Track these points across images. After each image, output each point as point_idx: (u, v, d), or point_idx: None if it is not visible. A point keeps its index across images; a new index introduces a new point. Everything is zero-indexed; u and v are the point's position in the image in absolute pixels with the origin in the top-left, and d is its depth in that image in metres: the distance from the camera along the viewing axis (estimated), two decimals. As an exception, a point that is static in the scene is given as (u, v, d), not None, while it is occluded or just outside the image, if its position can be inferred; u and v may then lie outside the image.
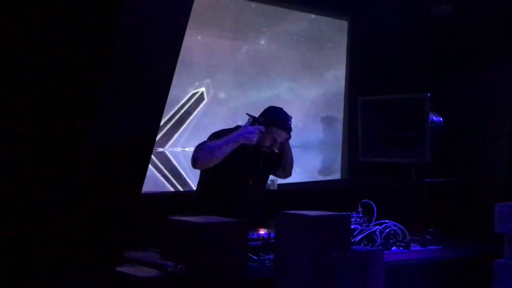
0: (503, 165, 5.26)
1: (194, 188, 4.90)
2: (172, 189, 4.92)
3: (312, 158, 5.89)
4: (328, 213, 2.98)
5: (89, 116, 1.83)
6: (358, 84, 5.74)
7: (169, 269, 2.74)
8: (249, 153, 3.91)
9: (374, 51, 5.67)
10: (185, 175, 5.02)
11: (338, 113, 5.97)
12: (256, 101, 5.30)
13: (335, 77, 5.93)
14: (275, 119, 3.90)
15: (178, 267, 2.74)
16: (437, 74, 5.54)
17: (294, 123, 4.05)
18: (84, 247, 2.00)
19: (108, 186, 2.02)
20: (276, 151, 4.00)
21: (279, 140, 3.93)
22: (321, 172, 5.96)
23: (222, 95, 5.22)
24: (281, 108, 4.04)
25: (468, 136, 5.37)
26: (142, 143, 2.01)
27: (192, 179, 4.99)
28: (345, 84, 5.91)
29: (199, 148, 3.78)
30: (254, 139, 3.78)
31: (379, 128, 5.03)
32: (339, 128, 6.00)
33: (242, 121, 4.03)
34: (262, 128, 3.81)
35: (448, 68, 5.57)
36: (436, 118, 4.93)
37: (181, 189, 4.97)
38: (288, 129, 3.95)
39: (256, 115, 3.93)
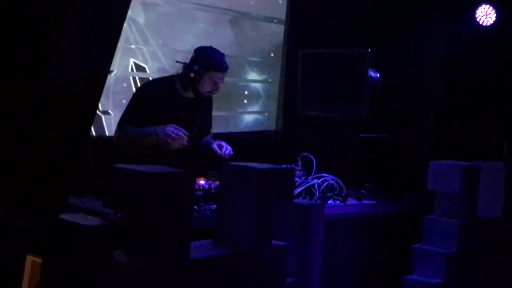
0: (435, 122, 5.41)
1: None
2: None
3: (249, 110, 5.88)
4: (273, 166, 2.97)
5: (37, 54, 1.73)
6: (298, 36, 5.70)
7: (109, 217, 2.68)
8: (183, 105, 3.82)
9: (315, 4, 5.63)
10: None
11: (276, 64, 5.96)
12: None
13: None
14: (211, 62, 3.75)
15: (118, 215, 2.67)
16: (376, 29, 5.57)
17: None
18: (28, 193, 1.91)
19: (54, 128, 1.92)
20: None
21: (219, 83, 3.82)
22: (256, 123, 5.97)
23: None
24: (212, 47, 3.87)
25: (403, 92, 5.46)
26: (91, 84, 1.92)
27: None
28: (284, 36, 5.87)
29: (118, 136, 3.74)
30: (172, 143, 3.66)
31: (318, 81, 5.02)
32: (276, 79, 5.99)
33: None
34: (185, 134, 3.69)
35: (386, 24, 5.61)
36: (373, 74, 4.96)
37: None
38: (226, 69, 3.83)
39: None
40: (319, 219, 3.03)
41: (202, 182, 3.44)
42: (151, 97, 3.75)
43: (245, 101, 5.86)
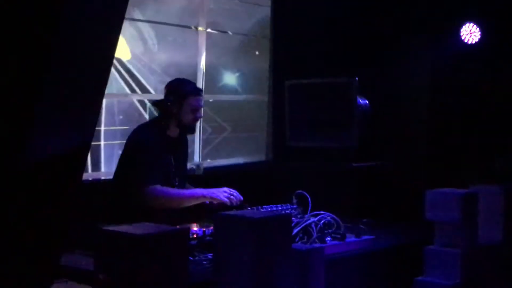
0: (425, 149, 5.35)
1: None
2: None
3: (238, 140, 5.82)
4: (269, 212, 2.86)
5: (26, 122, 1.64)
6: (283, 66, 5.64)
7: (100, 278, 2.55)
8: (171, 147, 3.78)
9: (299, 34, 5.58)
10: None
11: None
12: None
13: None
14: (186, 89, 3.78)
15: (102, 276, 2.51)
16: (361, 55, 5.52)
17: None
18: (17, 269, 1.80)
19: (42, 197, 1.82)
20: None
21: (200, 108, 3.81)
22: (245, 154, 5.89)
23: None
24: (179, 78, 3.96)
25: (393, 118, 5.40)
26: (77, 153, 1.83)
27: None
28: (270, 66, 5.81)
29: (158, 192, 3.58)
30: (225, 199, 3.66)
31: (306, 112, 4.96)
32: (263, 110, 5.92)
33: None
34: (233, 192, 3.71)
35: (372, 52, 5.56)
36: (362, 101, 4.90)
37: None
38: (201, 91, 3.89)
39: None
40: (320, 263, 2.94)
41: (195, 229, 3.33)
42: (152, 143, 3.70)
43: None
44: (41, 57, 1.47)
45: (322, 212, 3.57)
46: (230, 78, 5.76)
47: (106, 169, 4.80)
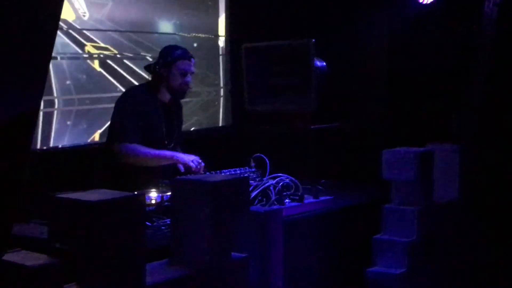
0: (383, 110, 5.39)
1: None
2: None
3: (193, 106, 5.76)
4: (226, 176, 2.85)
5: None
6: (239, 30, 5.59)
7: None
8: (162, 111, 3.84)
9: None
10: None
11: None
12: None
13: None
14: (175, 53, 3.84)
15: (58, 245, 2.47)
16: (319, 18, 5.50)
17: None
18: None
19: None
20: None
21: (189, 71, 3.86)
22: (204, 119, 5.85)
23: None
24: (175, 44, 4.07)
25: (351, 79, 5.41)
26: (25, 118, 1.78)
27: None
28: (226, 30, 5.75)
29: (128, 149, 3.64)
30: (192, 164, 3.69)
31: (264, 75, 4.91)
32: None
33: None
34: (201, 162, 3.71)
35: (329, 13, 5.54)
36: (320, 63, 4.87)
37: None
38: (192, 57, 3.91)
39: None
40: (278, 224, 2.96)
41: (154, 194, 3.31)
42: (139, 104, 3.77)
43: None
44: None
45: (280, 174, 3.59)
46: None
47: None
